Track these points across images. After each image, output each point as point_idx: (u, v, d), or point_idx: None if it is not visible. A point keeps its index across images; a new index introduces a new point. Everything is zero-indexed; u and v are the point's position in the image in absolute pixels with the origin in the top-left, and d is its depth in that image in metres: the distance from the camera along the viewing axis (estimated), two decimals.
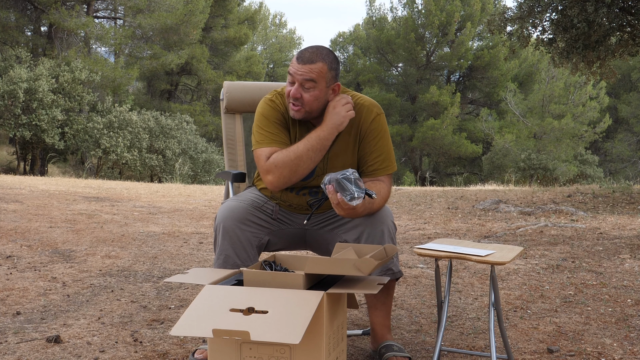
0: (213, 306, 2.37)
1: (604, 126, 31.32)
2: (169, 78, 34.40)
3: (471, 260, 2.57)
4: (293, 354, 2.39)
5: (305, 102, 2.83)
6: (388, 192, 2.92)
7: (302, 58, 2.82)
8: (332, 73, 2.85)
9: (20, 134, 23.68)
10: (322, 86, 2.83)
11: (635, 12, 10.57)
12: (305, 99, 2.83)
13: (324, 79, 2.83)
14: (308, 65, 2.80)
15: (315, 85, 2.81)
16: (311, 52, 2.83)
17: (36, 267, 4.88)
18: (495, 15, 12.31)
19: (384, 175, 2.96)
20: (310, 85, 2.81)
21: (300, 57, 2.83)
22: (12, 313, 3.61)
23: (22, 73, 23.19)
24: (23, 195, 9.95)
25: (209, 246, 6.03)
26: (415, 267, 5.12)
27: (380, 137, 2.96)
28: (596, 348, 3.18)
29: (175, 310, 3.77)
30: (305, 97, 2.82)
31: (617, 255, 5.53)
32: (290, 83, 2.85)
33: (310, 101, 2.84)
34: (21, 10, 27.59)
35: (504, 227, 7.43)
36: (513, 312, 3.82)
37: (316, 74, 2.80)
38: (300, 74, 2.81)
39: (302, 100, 2.83)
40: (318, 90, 2.83)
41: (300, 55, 2.84)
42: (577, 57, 11.13)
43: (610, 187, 12.28)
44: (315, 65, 2.80)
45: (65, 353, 2.99)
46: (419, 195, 11.84)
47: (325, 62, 2.83)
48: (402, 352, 2.88)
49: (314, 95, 2.83)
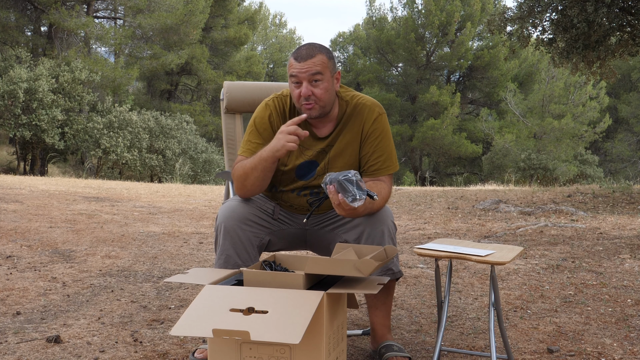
0: (213, 306, 2.37)
1: (604, 126, 31.34)
2: (169, 78, 34.42)
3: (471, 260, 2.57)
4: (293, 354, 2.39)
5: (318, 97, 2.84)
6: (388, 193, 2.92)
7: (301, 56, 2.83)
8: (332, 62, 2.89)
9: (20, 134, 23.69)
10: (328, 76, 2.85)
11: (635, 12, 10.57)
12: (317, 94, 2.83)
13: (328, 68, 2.85)
14: (310, 61, 2.81)
15: (322, 77, 2.83)
16: (307, 49, 2.85)
17: (36, 267, 4.88)
18: (495, 15, 12.31)
19: (384, 175, 2.97)
20: (319, 78, 2.82)
21: (298, 56, 2.84)
22: (12, 313, 3.61)
23: (22, 73, 23.21)
24: (23, 195, 9.95)
25: (209, 246, 6.03)
26: (415, 267, 5.12)
27: (382, 137, 2.97)
28: (596, 348, 3.18)
29: (175, 310, 3.77)
30: (317, 92, 2.83)
31: (617, 255, 5.53)
32: (296, 85, 2.85)
33: (322, 95, 2.84)
34: (21, 10, 27.61)
35: (504, 227, 7.43)
36: (513, 312, 3.82)
37: (320, 66, 2.82)
38: (305, 70, 2.81)
39: (314, 97, 2.84)
40: (326, 81, 2.84)
41: (297, 55, 2.85)
42: (577, 57, 11.14)
43: (610, 187, 12.28)
44: (316, 59, 2.82)
45: (65, 353, 2.99)
46: (419, 195, 11.84)
47: (323, 52, 2.85)
48: (402, 352, 2.88)
49: (323, 87, 2.84)
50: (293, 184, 3.04)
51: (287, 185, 3.05)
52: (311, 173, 3.00)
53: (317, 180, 2.99)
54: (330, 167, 2.97)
